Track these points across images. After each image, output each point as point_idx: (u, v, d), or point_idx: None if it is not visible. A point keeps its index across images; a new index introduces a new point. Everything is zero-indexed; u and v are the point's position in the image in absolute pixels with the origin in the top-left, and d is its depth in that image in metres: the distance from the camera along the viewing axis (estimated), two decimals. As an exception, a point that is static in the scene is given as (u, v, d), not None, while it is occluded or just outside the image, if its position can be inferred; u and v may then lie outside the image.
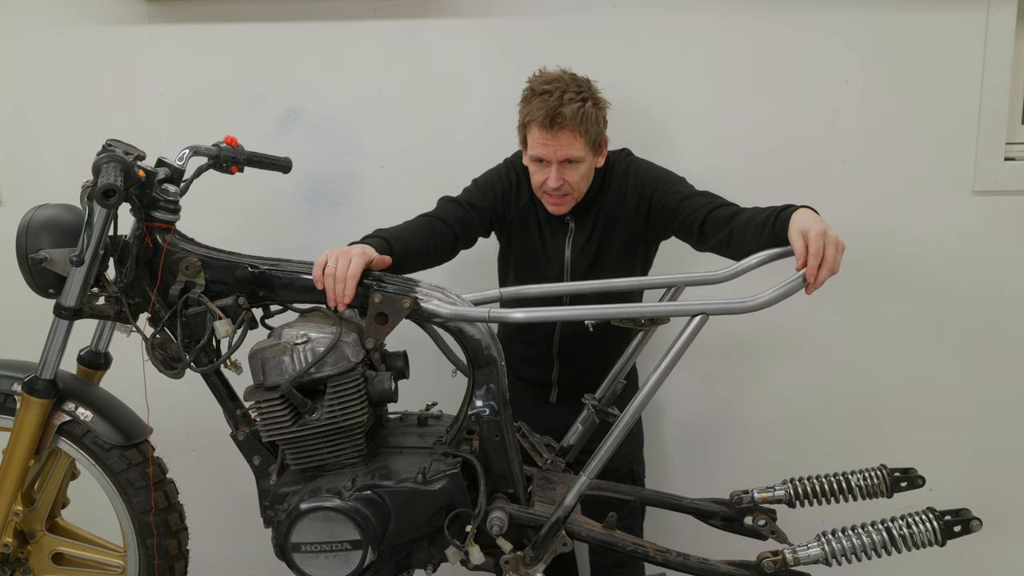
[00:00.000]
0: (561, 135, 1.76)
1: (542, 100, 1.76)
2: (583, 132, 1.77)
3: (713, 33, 2.21)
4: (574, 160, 1.79)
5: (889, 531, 1.48)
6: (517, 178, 1.97)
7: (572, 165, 1.80)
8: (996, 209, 2.24)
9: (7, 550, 1.73)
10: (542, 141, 1.78)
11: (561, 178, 1.80)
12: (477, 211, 1.91)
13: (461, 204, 1.91)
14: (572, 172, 1.81)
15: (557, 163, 1.79)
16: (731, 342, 2.33)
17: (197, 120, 2.30)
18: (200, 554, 2.03)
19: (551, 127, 1.75)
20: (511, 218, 1.97)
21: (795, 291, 1.47)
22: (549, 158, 1.79)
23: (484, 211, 1.92)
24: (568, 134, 1.76)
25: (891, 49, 2.19)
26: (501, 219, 1.97)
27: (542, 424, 1.94)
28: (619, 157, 1.97)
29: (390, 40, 2.26)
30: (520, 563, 1.56)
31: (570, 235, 1.94)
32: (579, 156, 1.79)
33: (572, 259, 1.93)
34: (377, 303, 1.56)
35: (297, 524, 1.49)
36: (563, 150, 1.77)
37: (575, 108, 1.74)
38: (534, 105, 1.78)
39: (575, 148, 1.78)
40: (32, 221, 1.60)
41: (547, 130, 1.76)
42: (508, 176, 1.97)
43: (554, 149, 1.77)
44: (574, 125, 1.75)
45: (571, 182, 1.82)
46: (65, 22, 2.27)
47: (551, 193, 1.83)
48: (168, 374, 1.62)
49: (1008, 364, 2.31)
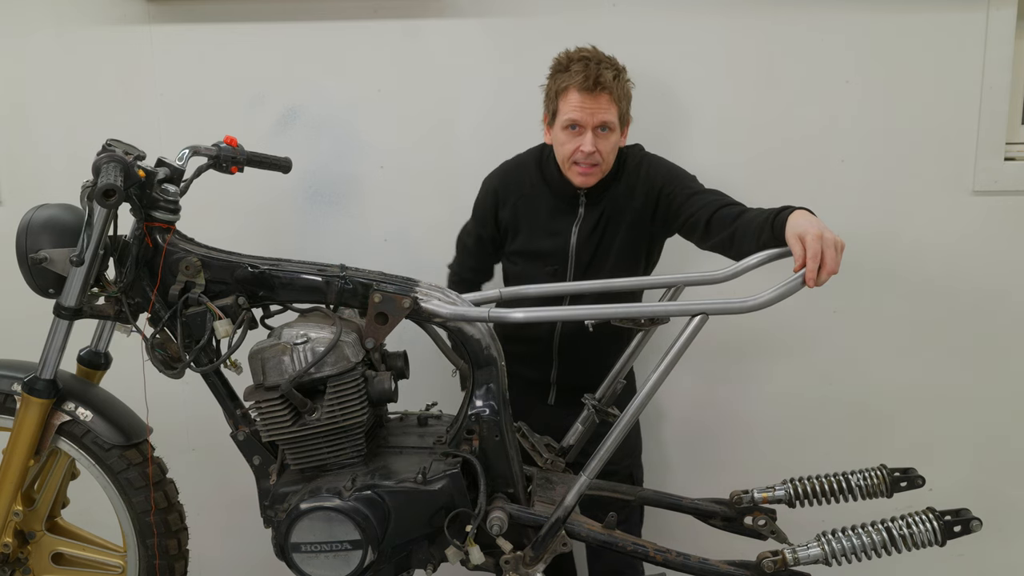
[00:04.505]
0: (601, 98, 1.80)
1: (582, 65, 1.81)
2: (618, 100, 1.83)
3: (713, 33, 2.21)
4: (608, 127, 1.84)
5: (889, 531, 1.48)
6: (506, 184, 2.02)
7: (604, 134, 1.84)
8: (996, 209, 2.24)
9: (7, 550, 1.73)
10: (580, 104, 1.81)
11: (595, 144, 1.82)
12: (488, 236, 2.06)
13: (472, 234, 2.09)
14: (604, 141, 1.85)
15: (593, 128, 1.82)
16: (731, 342, 2.32)
17: (197, 120, 2.30)
18: (200, 554, 2.03)
19: (592, 89, 1.80)
20: (507, 225, 2.01)
21: (794, 291, 1.47)
22: (586, 122, 1.82)
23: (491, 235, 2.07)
24: (607, 98, 1.81)
25: (891, 49, 2.19)
26: (503, 233, 2.04)
27: (542, 424, 1.94)
28: (633, 151, 1.99)
29: (390, 40, 2.26)
30: (520, 563, 1.56)
31: (578, 221, 1.94)
32: (613, 123, 1.84)
33: (577, 247, 1.94)
34: (377, 303, 1.56)
35: (297, 524, 1.49)
36: (600, 113, 1.81)
37: (613, 75, 1.82)
38: (573, 71, 1.82)
39: (611, 113, 1.83)
40: (32, 221, 1.60)
41: (588, 93, 1.80)
42: (489, 197, 2.04)
43: (592, 111, 1.81)
44: (612, 91, 1.81)
45: (603, 151, 1.85)
46: (65, 22, 2.27)
47: (582, 162, 1.86)
48: (168, 374, 1.62)
49: (1008, 364, 2.31)
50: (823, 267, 1.44)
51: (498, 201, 2.02)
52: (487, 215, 2.05)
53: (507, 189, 2.02)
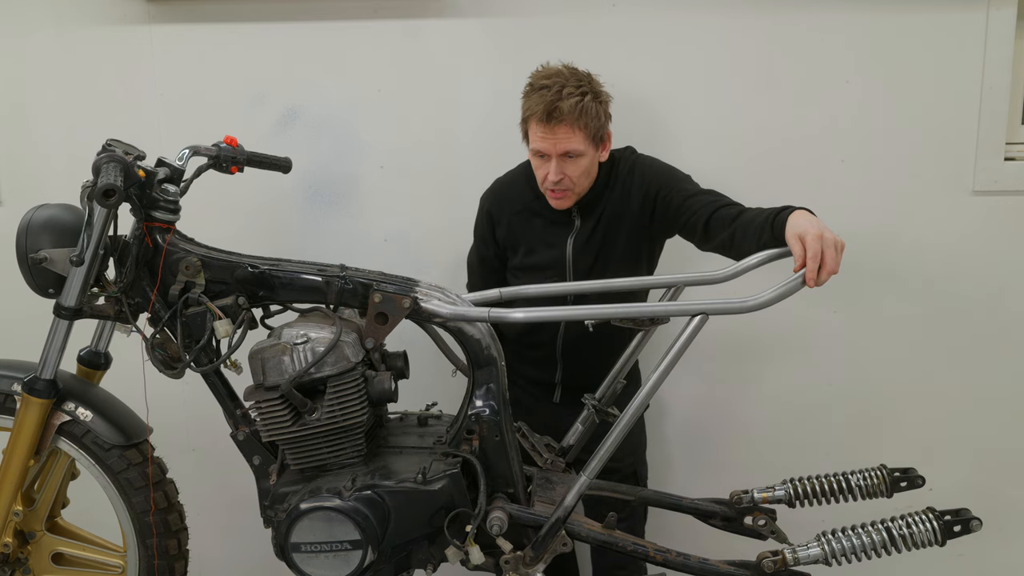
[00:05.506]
0: (559, 129, 1.78)
1: (540, 95, 1.79)
2: (582, 126, 1.79)
3: (713, 33, 2.21)
4: (573, 154, 1.81)
5: (889, 531, 1.48)
6: (499, 203, 2.03)
7: (572, 159, 1.82)
8: (996, 209, 2.24)
9: (7, 550, 1.73)
10: (541, 135, 1.80)
11: (561, 172, 1.82)
12: (491, 255, 2.08)
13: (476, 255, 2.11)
14: (572, 166, 1.83)
15: (557, 157, 1.81)
16: (731, 342, 2.32)
17: (197, 120, 2.30)
18: (200, 554, 2.03)
19: (548, 121, 1.78)
20: (505, 243, 2.03)
21: (794, 291, 1.47)
22: (548, 152, 1.81)
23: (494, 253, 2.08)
24: (566, 128, 1.78)
25: (891, 49, 2.19)
26: (504, 250, 2.05)
27: (543, 424, 1.94)
28: (624, 155, 1.99)
29: (390, 40, 2.26)
30: (520, 563, 1.56)
31: (573, 232, 1.94)
32: (578, 150, 1.81)
33: (573, 257, 1.94)
34: (377, 303, 1.56)
35: (297, 524, 1.49)
36: (562, 143, 1.79)
37: (573, 102, 1.76)
38: (533, 100, 1.80)
39: (574, 142, 1.79)
40: (32, 221, 1.60)
41: (545, 124, 1.78)
42: (484, 218, 2.06)
43: (553, 143, 1.79)
44: (572, 119, 1.77)
45: (571, 176, 1.84)
46: (65, 22, 2.27)
47: (552, 188, 1.85)
48: (168, 374, 1.62)
49: (1008, 364, 2.31)
50: (823, 267, 1.44)
51: (493, 221, 2.04)
52: (486, 235, 2.06)
53: (500, 208, 2.03)
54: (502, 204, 2.03)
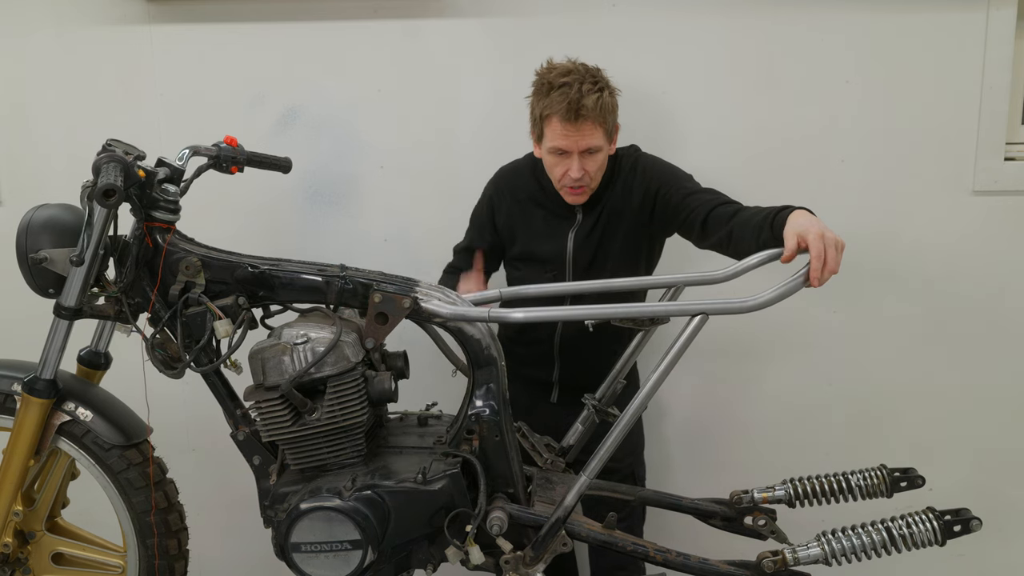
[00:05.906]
0: (584, 126, 1.78)
1: (562, 93, 1.78)
2: (603, 122, 1.80)
3: (713, 33, 2.21)
4: (594, 149, 1.82)
5: (889, 531, 1.48)
6: (501, 189, 2.03)
7: (592, 155, 1.83)
8: (996, 209, 2.24)
9: (7, 550, 1.73)
10: (564, 133, 1.80)
11: (583, 168, 1.82)
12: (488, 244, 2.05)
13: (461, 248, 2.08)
14: (591, 162, 1.84)
15: (579, 153, 1.81)
16: (731, 342, 2.32)
17: (197, 120, 2.30)
18: (200, 554, 2.03)
19: (575, 119, 1.77)
20: (505, 231, 2.02)
21: (795, 291, 1.47)
22: (571, 149, 1.81)
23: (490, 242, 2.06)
24: (590, 125, 1.79)
25: (891, 49, 2.19)
26: (503, 238, 2.04)
27: (542, 424, 1.94)
28: (627, 152, 1.99)
29: (390, 40, 2.26)
30: (520, 563, 1.56)
31: (575, 227, 1.95)
32: (599, 145, 1.82)
33: (574, 251, 1.94)
34: (377, 303, 1.56)
35: (297, 524, 1.49)
36: (585, 140, 1.80)
37: (595, 99, 1.77)
38: (553, 98, 1.79)
39: (596, 137, 1.81)
40: (32, 221, 1.60)
41: (570, 123, 1.78)
42: (485, 204, 2.06)
43: (576, 140, 1.80)
44: (595, 116, 1.78)
45: (591, 172, 1.85)
46: (65, 22, 2.27)
47: (572, 185, 1.86)
48: (168, 374, 1.62)
49: (1008, 364, 2.31)
50: (824, 266, 1.44)
51: (494, 208, 2.04)
52: (484, 222, 2.06)
53: (501, 195, 2.03)
54: (503, 191, 2.03)
